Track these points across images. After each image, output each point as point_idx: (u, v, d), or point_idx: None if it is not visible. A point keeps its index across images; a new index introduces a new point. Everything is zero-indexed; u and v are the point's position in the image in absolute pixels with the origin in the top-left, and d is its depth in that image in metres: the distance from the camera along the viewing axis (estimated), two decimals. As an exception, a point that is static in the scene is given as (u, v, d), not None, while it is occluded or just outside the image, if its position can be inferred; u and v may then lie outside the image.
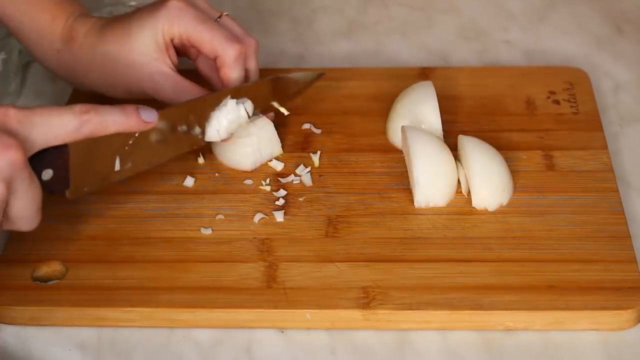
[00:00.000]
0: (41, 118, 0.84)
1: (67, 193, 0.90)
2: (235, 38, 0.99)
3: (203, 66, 1.04)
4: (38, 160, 0.85)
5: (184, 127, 0.96)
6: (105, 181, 0.92)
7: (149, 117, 0.90)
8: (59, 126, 0.85)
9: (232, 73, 0.98)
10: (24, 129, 0.83)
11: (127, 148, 0.92)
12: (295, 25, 1.24)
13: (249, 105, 0.98)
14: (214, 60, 1.00)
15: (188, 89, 0.99)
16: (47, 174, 0.87)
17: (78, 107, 0.86)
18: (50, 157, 0.86)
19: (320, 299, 0.88)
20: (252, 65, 1.01)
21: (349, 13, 1.26)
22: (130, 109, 0.89)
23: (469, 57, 1.18)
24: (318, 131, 1.05)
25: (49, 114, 0.85)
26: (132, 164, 0.93)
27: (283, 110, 1.03)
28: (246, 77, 1.01)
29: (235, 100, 0.97)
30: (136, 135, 0.92)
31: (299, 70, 1.07)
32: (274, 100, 1.03)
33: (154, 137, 0.94)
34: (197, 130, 0.97)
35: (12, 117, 0.83)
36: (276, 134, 1.02)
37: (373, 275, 0.90)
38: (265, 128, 1.01)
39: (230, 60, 0.98)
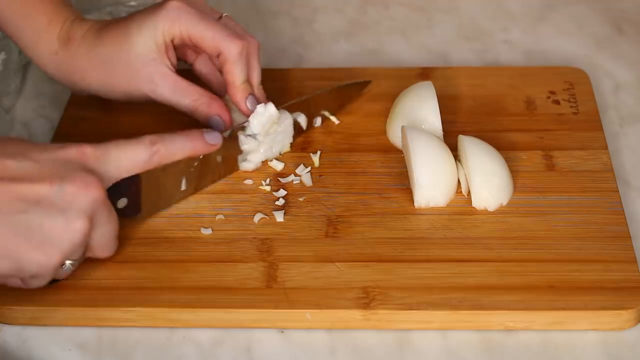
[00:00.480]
0: (115, 153, 0.89)
1: (140, 217, 0.95)
2: (237, 34, 0.99)
3: (201, 69, 1.04)
4: (113, 191, 0.89)
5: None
6: (172, 201, 0.97)
7: (214, 140, 0.95)
8: (132, 159, 0.90)
9: (235, 69, 0.98)
10: (100, 166, 0.88)
11: (192, 169, 0.96)
12: (295, 25, 1.24)
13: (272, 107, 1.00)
14: (216, 57, 0.99)
15: (187, 90, 0.99)
16: (122, 202, 0.92)
17: (148, 139, 0.91)
18: (124, 186, 0.91)
19: (320, 299, 0.88)
20: (255, 64, 1.01)
21: (349, 13, 1.25)
22: (196, 134, 0.94)
23: (469, 57, 1.18)
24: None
25: (121, 148, 0.89)
26: (197, 183, 0.98)
27: (334, 119, 1.06)
28: (249, 76, 1.00)
29: (262, 104, 0.99)
30: (201, 157, 0.96)
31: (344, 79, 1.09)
32: (325, 110, 1.05)
33: (217, 156, 0.98)
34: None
35: (89, 155, 0.87)
36: (292, 130, 1.03)
37: (373, 275, 0.90)
38: (286, 121, 1.02)
39: (234, 56, 0.98)
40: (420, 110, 1.02)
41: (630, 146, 1.05)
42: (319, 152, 1.03)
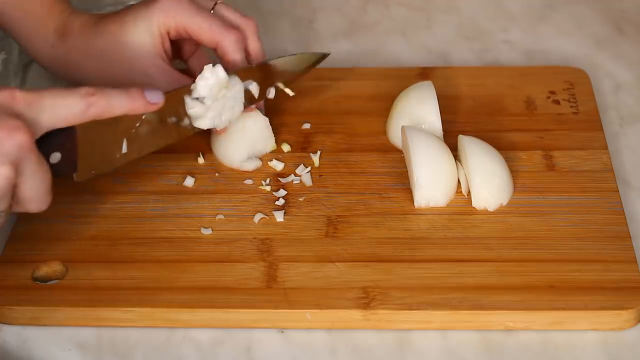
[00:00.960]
0: (48, 100, 0.84)
1: (75, 176, 0.90)
2: (232, 25, 0.99)
3: (195, 65, 1.04)
4: (46, 143, 0.86)
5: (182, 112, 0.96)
6: (112, 164, 0.93)
7: (155, 99, 0.90)
8: (65, 108, 0.85)
9: (233, 59, 0.98)
10: (31, 111, 0.83)
11: (134, 131, 0.92)
12: (295, 25, 1.24)
13: (221, 70, 0.96)
14: (213, 49, 0.99)
15: (182, 83, 0.99)
16: (55, 157, 0.88)
17: (84, 89, 0.86)
18: (58, 140, 0.87)
19: (320, 299, 0.88)
20: (254, 45, 1.00)
21: (349, 13, 1.25)
22: (136, 91, 0.89)
23: (469, 57, 1.18)
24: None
25: (55, 96, 0.85)
26: (139, 147, 0.93)
27: (288, 91, 1.03)
28: (250, 58, 1.00)
29: (210, 65, 0.95)
30: (143, 117, 0.92)
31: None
32: (279, 82, 1.02)
33: (159, 119, 0.94)
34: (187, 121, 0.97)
35: (19, 99, 0.83)
36: (270, 128, 1.02)
37: (373, 275, 0.90)
38: (258, 122, 1.01)
39: (231, 46, 0.98)
40: (420, 110, 1.02)
41: (630, 146, 1.05)
42: (319, 152, 1.03)
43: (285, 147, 1.04)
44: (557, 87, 1.09)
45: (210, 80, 0.95)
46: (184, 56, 1.04)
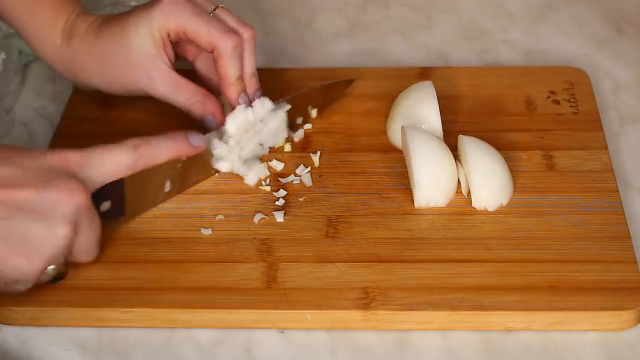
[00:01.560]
0: (98, 159, 0.89)
1: (123, 219, 0.95)
2: (231, 30, 0.99)
3: (201, 67, 1.04)
4: (96, 194, 0.89)
5: None
6: (156, 203, 0.97)
7: (198, 142, 0.95)
8: (115, 164, 0.90)
9: (229, 64, 0.99)
10: (83, 171, 0.88)
11: (175, 171, 0.96)
12: (295, 25, 1.24)
13: (265, 103, 1.00)
14: (211, 53, 0.99)
15: (184, 86, 0.99)
16: (105, 206, 0.92)
17: (131, 143, 0.91)
18: (107, 190, 0.91)
19: (320, 299, 0.88)
20: (248, 56, 1.01)
21: (349, 13, 1.25)
22: (180, 136, 0.94)
23: (469, 57, 1.18)
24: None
25: (104, 153, 0.90)
26: (179, 184, 0.98)
27: (313, 112, 1.06)
28: (243, 67, 1.01)
29: (242, 106, 0.99)
30: (184, 159, 0.96)
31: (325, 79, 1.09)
32: (313, 107, 1.06)
33: (200, 158, 0.97)
34: None
35: (72, 161, 0.87)
36: (285, 123, 1.03)
37: (373, 275, 0.90)
38: (276, 116, 1.02)
39: (228, 52, 0.98)
40: (420, 110, 1.02)
41: (630, 146, 1.05)
42: (319, 152, 1.03)
43: (287, 147, 1.04)
44: (557, 87, 1.09)
45: (239, 120, 0.98)
46: (189, 57, 1.04)
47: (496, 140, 1.00)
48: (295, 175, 1.01)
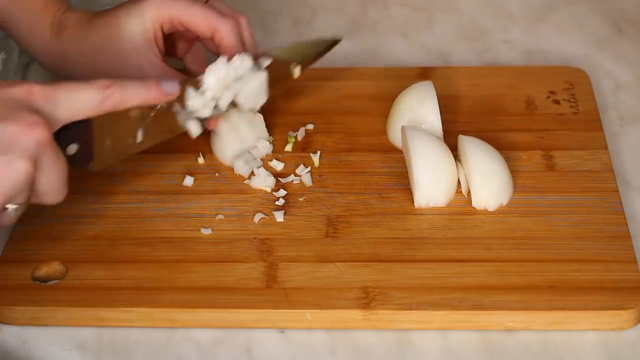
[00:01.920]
0: (65, 94, 0.85)
1: (91, 166, 0.90)
2: (227, 13, 0.99)
3: (191, 63, 1.04)
4: (62, 135, 0.86)
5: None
6: (128, 152, 0.93)
7: (170, 89, 0.91)
8: (82, 101, 0.86)
9: (232, 45, 0.99)
10: (48, 105, 0.84)
11: (149, 120, 0.92)
12: (295, 25, 1.24)
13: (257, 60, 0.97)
14: (210, 39, 0.99)
15: (175, 78, 0.99)
16: (72, 148, 0.88)
17: (100, 82, 0.87)
18: (75, 131, 0.87)
19: (320, 299, 0.88)
20: (247, 35, 1.01)
21: (349, 13, 1.25)
22: (152, 81, 0.90)
23: (469, 57, 1.18)
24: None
25: (72, 89, 0.86)
26: (153, 135, 0.93)
27: (297, 70, 1.01)
28: (244, 48, 1.00)
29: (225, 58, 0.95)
30: (157, 107, 0.92)
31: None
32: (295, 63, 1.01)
33: (173, 108, 0.93)
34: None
35: (36, 94, 0.84)
36: (263, 124, 1.02)
37: (373, 275, 0.90)
38: (251, 117, 1.01)
39: (229, 33, 0.98)
40: (420, 110, 1.02)
41: (630, 146, 1.05)
42: (319, 152, 1.03)
43: (288, 147, 1.03)
44: (557, 87, 1.09)
45: (220, 72, 0.94)
46: (179, 53, 1.05)
47: (496, 140, 1.00)
48: (295, 175, 1.01)
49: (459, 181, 0.97)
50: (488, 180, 0.95)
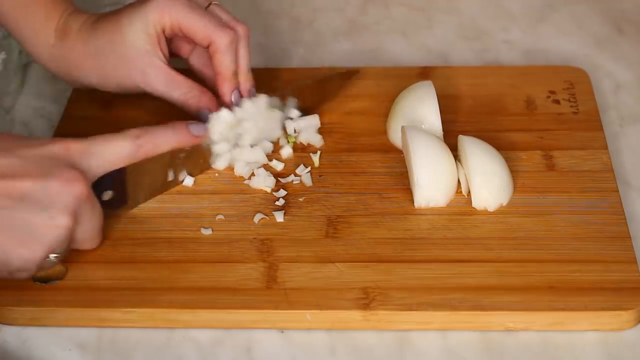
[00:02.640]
0: (99, 148, 0.90)
1: (125, 208, 0.95)
2: (226, 24, 0.99)
3: (196, 63, 1.04)
4: (97, 183, 0.90)
5: None
6: (159, 192, 0.98)
7: (199, 132, 0.97)
8: (116, 154, 0.91)
9: (225, 59, 0.99)
10: (84, 160, 0.89)
11: (178, 161, 0.97)
12: (295, 25, 1.24)
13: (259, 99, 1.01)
14: (206, 48, 1.00)
15: (178, 82, 1.00)
16: (107, 195, 0.93)
17: (132, 132, 0.92)
18: (109, 179, 0.92)
19: (320, 299, 0.88)
20: (243, 52, 1.01)
21: (349, 13, 1.25)
22: (181, 126, 0.95)
23: (469, 57, 1.18)
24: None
25: (105, 143, 0.91)
26: (182, 174, 0.98)
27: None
28: (238, 63, 1.01)
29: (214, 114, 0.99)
30: (187, 148, 0.97)
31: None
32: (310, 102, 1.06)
33: (201, 150, 0.98)
34: None
35: (73, 150, 0.89)
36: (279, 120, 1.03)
37: (373, 275, 0.90)
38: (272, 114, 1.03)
39: (224, 46, 0.99)
40: (420, 110, 1.02)
41: (630, 146, 1.05)
42: (319, 152, 1.03)
43: (289, 146, 1.03)
44: (557, 87, 1.09)
45: (220, 124, 0.99)
46: (184, 54, 1.05)
47: (496, 140, 1.00)
48: (295, 175, 1.01)
49: (459, 181, 0.97)
50: (488, 180, 0.95)
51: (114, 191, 0.93)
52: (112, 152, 0.91)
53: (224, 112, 0.99)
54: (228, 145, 1.00)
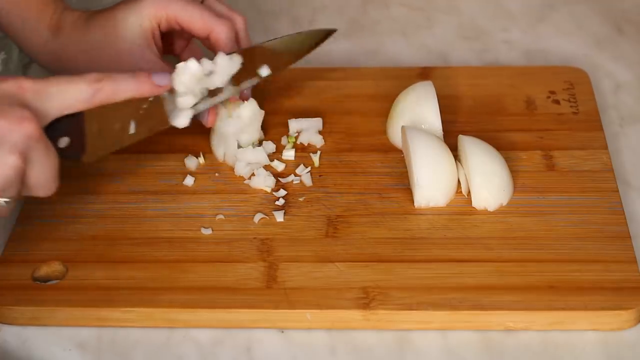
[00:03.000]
0: (55, 88, 0.86)
1: (83, 158, 0.91)
2: (224, 14, 0.99)
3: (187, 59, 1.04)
4: (53, 128, 0.87)
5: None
6: (120, 144, 0.93)
7: (162, 81, 0.92)
8: (73, 95, 0.87)
9: (226, 49, 0.99)
10: (38, 100, 0.85)
11: (141, 112, 0.92)
12: (295, 25, 1.24)
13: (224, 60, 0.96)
14: (205, 39, 1.00)
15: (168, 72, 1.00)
16: (64, 141, 0.89)
17: (91, 76, 0.88)
18: (65, 124, 0.88)
19: (320, 299, 0.88)
20: (243, 37, 1.01)
21: (349, 13, 1.25)
22: (143, 74, 0.91)
23: (469, 57, 1.18)
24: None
25: (62, 83, 0.87)
26: (145, 127, 0.93)
27: (264, 71, 1.00)
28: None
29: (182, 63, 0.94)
30: (150, 99, 0.92)
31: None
32: (267, 64, 1.00)
33: (167, 100, 0.93)
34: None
35: (27, 89, 0.85)
36: (258, 119, 1.02)
37: (373, 275, 0.90)
38: (248, 111, 1.01)
39: (224, 36, 0.99)
40: (420, 110, 1.02)
41: (630, 146, 1.05)
42: (319, 152, 1.03)
43: (289, 147, 1.03)
44: (557, 87, 1.09)
45: (184, 76, 0.93)
46: (175, 51, 1.05)
47: (496, 140, 1.00)
48: (295, 175, 1.01)
49: (459, 181, 0.97)
50: (488, 180, 0.95)
51: (71, 138, 0.89)
52: (68, 93, 0.87)
53: (191, 63, 0.93)
54: (192, 99, 0.94)
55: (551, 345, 0.87)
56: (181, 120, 0.94)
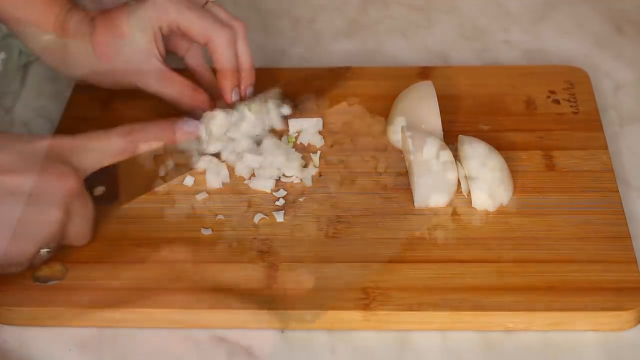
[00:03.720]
0: (91, 144, 0.91)
1: (118, 203, 0.96)
2: (224, 22, 1.00)
3: (192, 61, 1.05)
4: (89, 179, 0.91)
5: None
6: (151, 187, 0.98)
7: (191, 129, 0.97)
8: (108, 150, 0.92)
9: (223, 57, 1.00)
10: (77, 156, 0.90)
11: (169, 158, 0.98)
12: (295, 25, 1.24)
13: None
14: (204, 46, 1.00)
15: (173, 81, 1.01)
16: (99, 190, 0.95)
17: (123, 129, 0.92)
18: (101, 175, 0.92)
19: (320, 299, 0.88)
20: (243, 48, 1.01)
21: (349, 13, 1.25)
22: (172, 122, 0.96)
23: (469, 57, 1.18)
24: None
25: (97, 139, 0.91)
26: (174, 170, 0.99)
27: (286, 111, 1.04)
28: (238, 60, 1.01)
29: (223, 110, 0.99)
30: (178, 145, 0.98)
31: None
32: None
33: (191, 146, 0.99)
34: None
35: (65, 146, 0.89)
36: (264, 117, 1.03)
37: (373, 275, 0.90)
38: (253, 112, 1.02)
39: (223, 43, 0.99)
40: (420, 110, 1.02)
41: (630, 146, 1.05)
42: (319, 152, 1.03)
43: (288, 147, 1.03)
44: (557, 87, 1.09)
45: (212, 126, 0.99)
46: (179, 51, 1.05)
47: (496, 140, 1.00)
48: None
49: (459, 181, 0.97)
50: (488, 181, 0.95)
51: (105, 186, 0.94)
52: (103, 148, 0.91)
53: (217, 113, 0.98)
54: (219, 146, 1.00)
55: (551, 346, 0.87)
56: (201, 164, 1.00)
